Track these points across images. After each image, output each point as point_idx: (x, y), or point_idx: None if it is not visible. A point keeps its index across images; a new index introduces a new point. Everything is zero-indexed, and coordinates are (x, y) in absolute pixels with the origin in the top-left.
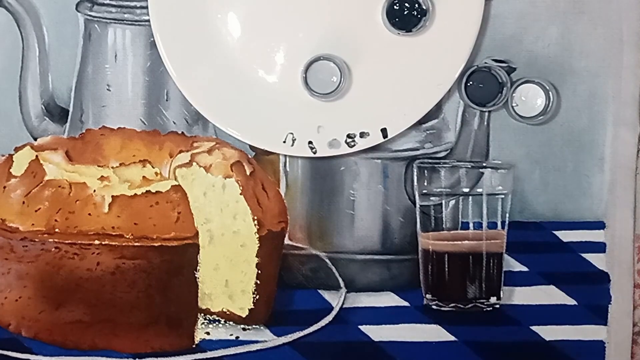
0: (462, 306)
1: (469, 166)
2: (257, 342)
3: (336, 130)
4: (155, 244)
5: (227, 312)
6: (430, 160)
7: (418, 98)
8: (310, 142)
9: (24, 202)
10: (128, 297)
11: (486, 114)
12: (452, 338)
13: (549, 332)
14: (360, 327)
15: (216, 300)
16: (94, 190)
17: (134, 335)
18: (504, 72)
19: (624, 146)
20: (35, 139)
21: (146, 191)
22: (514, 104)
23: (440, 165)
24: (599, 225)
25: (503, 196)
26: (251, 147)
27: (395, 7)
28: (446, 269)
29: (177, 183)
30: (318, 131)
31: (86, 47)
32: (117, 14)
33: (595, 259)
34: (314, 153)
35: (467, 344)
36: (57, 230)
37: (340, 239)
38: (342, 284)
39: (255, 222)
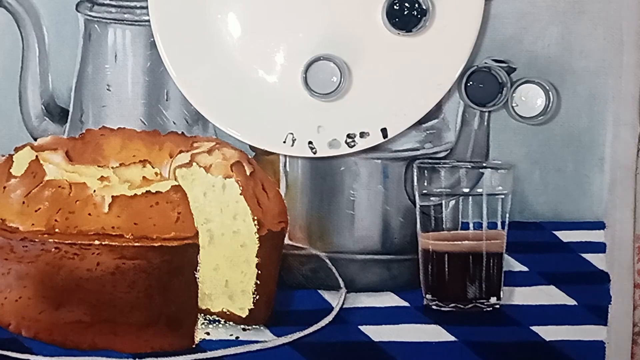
0: (462, 306)
1: (469, 166)
2: (257, 342)
3: (336, 130)
4: (155, 244)
5: (227, 313)
6: (430, 160)
7: (418, 98)
8: (310, 142)
9: (24, 202)
10: (128, 297)
11: (486, 114)
12: (452, 338)
13: (549, 332)
14: (360, 327)
15: (216, 300)
16: (94, 191)
17: (134, 335)
18: (504, 72)
19: (624, 146)
20: (35, 139)
21: (146, 191)
22: (514, 104)
23: (440, 165)
24: (599, 225)
25: (503, 196)
26: (251, 147)
27: (395, 7)
28: (446, 269)
29: (177, 183)
30: (318, 131)
31: (86, 47)
32: (117, 14)
33: (595, 259)
34: (314, 153)
35: (467, 344)
36: (57, 230)
37: (340, 239)
38: (342, 284)
39: (255, 222)
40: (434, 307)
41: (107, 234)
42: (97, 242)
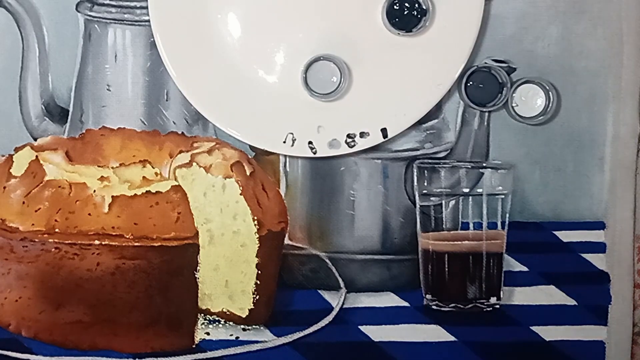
0: (462, 306)
1: (469, 166)
2: (257, 342)
3: (336, 130)
4: (155, 244)
5: (227, 313)
6: (430, 160)
7: (418, 98)
8: (310, 142)
9: (24, 202)
10: (128, 298)
11: (486, 114)
12: (452, 338)
13: (549, 332)
14: (360, 327)
15: (216, 300)
16: (94, 191)
17: (134, 335)
18: (504, 72)
19: (624, 146)
20: (35, 139)
21: (146, 191)
22: (514, 104)
23: (440, 165)
24: (599, 225)
25: (503, 196)
26: (251, 147)
27: (395, 7)
28: (446, 269)
29: (177, 183)
30: (318, 131)
31: (86, 47)
32: (117, 14)
33: (595, 259)
34: (314, 153)
35: (467, 344)
36: (57, 230)
37: (340, 239)
38: (342, 284)
39: (255, 222)
40: (434, 307)
41: (107, 234)
42: (97, 242)
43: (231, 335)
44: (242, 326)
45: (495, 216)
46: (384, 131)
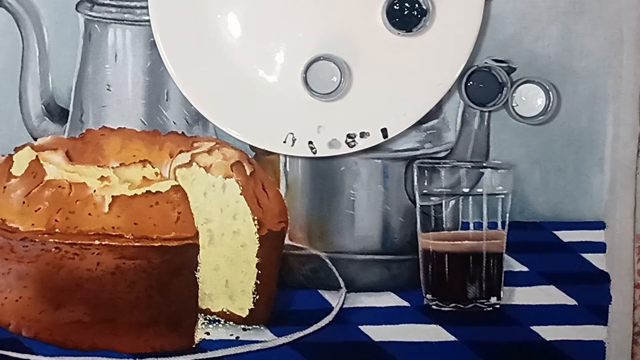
0: (462, 306)
1: (469, 166)
2: (257, 342)
3: (336, 130)
4: (155, 244)
5: (227, 312)
6: (430, 160)
7: (418, 98)
8: (310, 142)
9: (24, 202)
10: (128, 297)
11: (486, 114)
12: (452, 338)
13: (549, 332)
14: (360, 327)
15: (216, 300)
16: (94, 191)
17: (134, 335)
18: (504, 72)
19: (624, 146)
20: (35, 139)
21: (146, 191)
22: (514, 104)
23: (440, 165)
24: (599, 225)
25: (503, 196)
26: (251, 147)
27: (395, 7)
28: (446, 269)
29: (177, 183)
30: (318, 131)
31: (86, 47)
32: (117, 14)
33: (595, 259)
34: (314, 153)
35: (467, 344)
36: (57, 230)
37: (340, 239)
38: (342, 284)
39: (256, 222)
40: (434, 307)
41: (107, 234)
42: (97, 242)
43: (231, 335)
44: (242, 326)
45: (496, 216)
46: (384, 131)
